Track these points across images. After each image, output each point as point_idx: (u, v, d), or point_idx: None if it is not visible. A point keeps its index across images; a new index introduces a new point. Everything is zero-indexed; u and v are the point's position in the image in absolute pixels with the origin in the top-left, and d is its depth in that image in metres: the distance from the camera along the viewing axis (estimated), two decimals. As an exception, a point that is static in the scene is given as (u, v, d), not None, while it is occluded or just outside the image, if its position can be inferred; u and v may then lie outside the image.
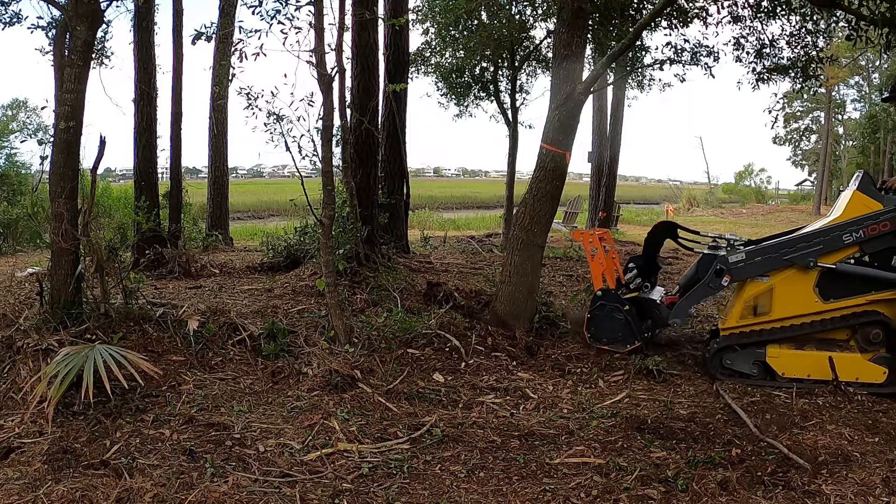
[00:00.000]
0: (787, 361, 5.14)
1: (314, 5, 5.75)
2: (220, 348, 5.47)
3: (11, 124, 22.11)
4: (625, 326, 5.72)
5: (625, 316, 5.71)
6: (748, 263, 5.30)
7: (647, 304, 5.84)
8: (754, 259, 5.29)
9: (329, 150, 5.95)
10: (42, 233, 11.69)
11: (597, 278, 5.91)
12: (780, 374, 5.14)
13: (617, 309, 5.73)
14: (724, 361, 5.29)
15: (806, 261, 5.13)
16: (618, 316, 5.72)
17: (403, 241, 11.57)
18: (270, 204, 32.75)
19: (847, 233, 5.12)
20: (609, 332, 5.76)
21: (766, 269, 5.27)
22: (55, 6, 5.94)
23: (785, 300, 5.22)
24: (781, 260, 5.22)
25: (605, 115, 18.54)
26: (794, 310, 5.21)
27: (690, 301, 5.63)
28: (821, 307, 5.17)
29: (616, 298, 5.78)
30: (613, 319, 5.73)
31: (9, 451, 3.86)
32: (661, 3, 7.01)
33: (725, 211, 33.47)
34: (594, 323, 5.81)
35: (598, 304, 5.80)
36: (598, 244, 5.96)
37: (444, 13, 12.30)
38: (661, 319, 5.77)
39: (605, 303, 5.77)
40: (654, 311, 5.79)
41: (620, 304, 5.74)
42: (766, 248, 5.34)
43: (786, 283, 5.24)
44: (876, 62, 33.20)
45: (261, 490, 3.50)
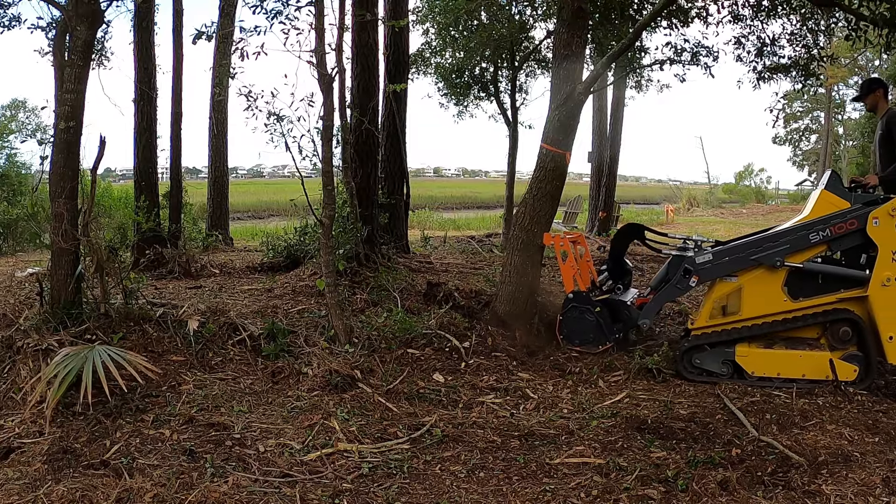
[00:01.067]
0: (757, 360, 5.17)
1: (315, 6, 5.76)
2: (220, 348, 5.47)
3: (11, 124, 22.11)
4: (596, 328, 5.85)
5: (596, 318, 5.83)
6: (715, 264, 5.35)
7: (617, 305, 5.94)
8: (721, 259, 5.34)
9: (329, 150, 5.95)
10: (42, 233, 11.70)
11: (568, 281, 6.03)
12: (750, 373, 5.17)
13: (588, 311, 5.86)
14: (694, 361, 5.32)
15: (773, 260, 5.16)
16: (589, 318, 5.85)
17: (403, 241, 11.57)
18: (270, 204, 32.75)
19: (814, 231, 5.15)
20: (581, 333, 5.88)
21: (733, 270, 5.32)
22: (55, 6, 5.95)
23: (754, 299, 5.26)
24: (748, 260, 5.26)
25: (605, 115, 18.54)
26: (763, 309, 5.24)
27: (658, 302, 5.75)
28: (790, 306, 5.20)
29: (587, 300, 5.89)
30: (585, 321, 5.86)
31: (9, 451, 3.86)
32: (661, 3, 7.02)
33: (725, 211, 33.46)
34: (566, 325, 5.94)
35: (569, 306, 5.92)
36: (567, 248, 6.12)
37: (444, 13, 12.32)
38: (632, 320, 5.85)
39: (577, 305, 5.89)
40: (625, 312, 5.88)
41: (591, 305, 5.87)
42: (733, 249, 5.38)
43: (754, 282, 5.27)
44: (875, 62, 33.22)
45: (261, 490, 3.50)
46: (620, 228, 6.56)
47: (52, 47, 7.01)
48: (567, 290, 6.02)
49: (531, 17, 12.95)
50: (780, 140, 44.87)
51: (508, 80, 13.68)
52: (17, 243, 13.40)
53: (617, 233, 6.51)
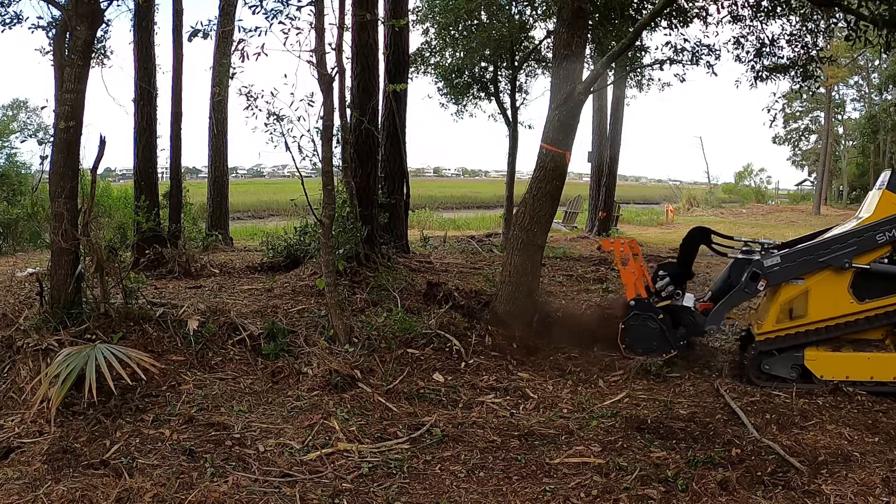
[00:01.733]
0: (826, 363, 5.11)
1: (315, 5, 5.76)
2: (220, 348, 5.47)
3: (12, 124, 22.11)
4: (660, 335, 5.63)
5: (659, 325, 5.62)
6: (783, 267, 5.26)
7: (680, 311, 5.72)
8: (789, 262, 5.26)
9: (329, 150, 5.95)
10: (42, 233, 11.69)
11: (629, 288, 5.79)
12: (819, 377, 5.09)
13: (651, 318, 5.64)
14: (763, 367, 5.23)
15: (841, 262, 5.12)
16: (652, 325, 5.63)
17: (403, 241, 11.58)
18: (270, 204, 32.73)
19: (880, 232, 5.11)
20: (644, 341, 5.65)
21: (800, 272, 5.24)
22: (55, 6, 5.95)
23: (820, 302, 5.20)
24: (816, 262, 5.20)
25: (605, 115, 18.55)
26: (829, 311, 5.18)
27: (726, 307, 5.55)
28: (856, 308, 5.15)
29: (649, 307, 5.68)
30: (648, 329, 5.64)
31: (9, 451, 3.86)
32: (661, 3, 7.02)
33: (725, 211, 33.48)
34: (629, 333, 5.70)
35: (631, 314, 5.69)
36: (629, 252, 5.88)
37: (444, 13, 12.32)
38: (697, 326, 5.66)
39: (639, 312, 5.67)
40: (689, 318, 5.67)
41: (654, 312, 5.65)
42: (801, 252, 5.31)
43: (821, 284, 5.22)
44: (875, 62, 33.22)
45: (261, 490, 3.49)
46: (689, 232, 6.26)
47: (52, 47, 7.01)
48: (629, 296, 5.78)
49: (531, 16, 12.96)
50: (780, 140, 44.85)
51: (508, 79, 13.68)
52: (17, 243, 13.40)
53: (687, 236, 6.25)
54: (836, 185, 44.36)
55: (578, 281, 9.80)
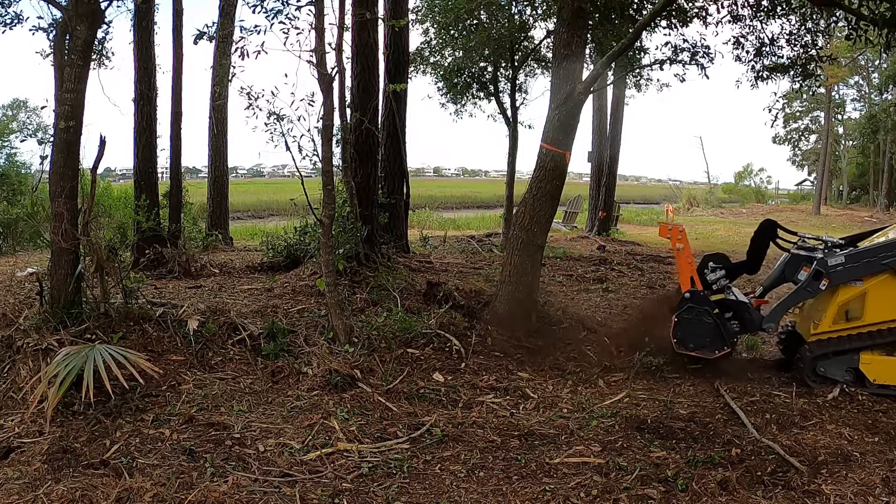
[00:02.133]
0: (880, 368, 5.05)
1: (314, 5, 5.75)
2: (220, 348, 5.47)
3: (12, 124, 22.11)
4: (714, 331, 5.33)
5: (714, 320, 5.32)
6: (847, 267, 5.14)
7: (738, 307, 5.44)
8: (853, 263, 5.15)
9: (329, 150, 5.95)
10: (42, 233, 11.69)
11: (685, 279, 5.47)
12: (872, 381, 5.03)
13: (706, 312, 5.34)
14: (818, 369, 5.13)
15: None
16: (707, 320, 5.32)
17: (403, 241, 11.58)
18: (270, 204, 32.72)
19: None
20: (697, 337, 5.35)
21: (863, 274, 5.15)
22: (55, 6, 5.94)
23: (877, 305, 5.12)
24: (879, 264, 5.11)
25: (605, 115, 18.55)
26: (885, 315, 5.12)
27: (786, 305, 5.40)
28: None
29: (705, 301, 5.38)
30: (702, 324, 5.33)
31: (9, 451, 3.86)
32: (660, 3, 7.01)
33: (725, 211, 33.49)
34: (682, 328, 5.37)
35: (686, 306, 5.37)
36: (686, 241, 5.54)
37: (444, 13, 12.31)
38: (753, 324, 5.43)
39: (694, 305, 5.35)
40: (746, 314, 5.42)
41: (710, 306, 5.36)
42: (865, 252, 5.21)
43: (879, 287, 5.14)
44: (875, 62, 33.23)
45: (261, 490, 3.50)
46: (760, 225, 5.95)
47: (53, 48, 7.00)
48: (683, 288, 5.44)
49: (531, 16, 12.95)
50: (780, 140, 44.87)
51: (508, 79, 13.68)
52: (17, 243, 13.40)
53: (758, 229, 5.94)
54: (836, 185, 44.37)
55: (578, 281, 9.80)
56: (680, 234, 5.55)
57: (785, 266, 5.62)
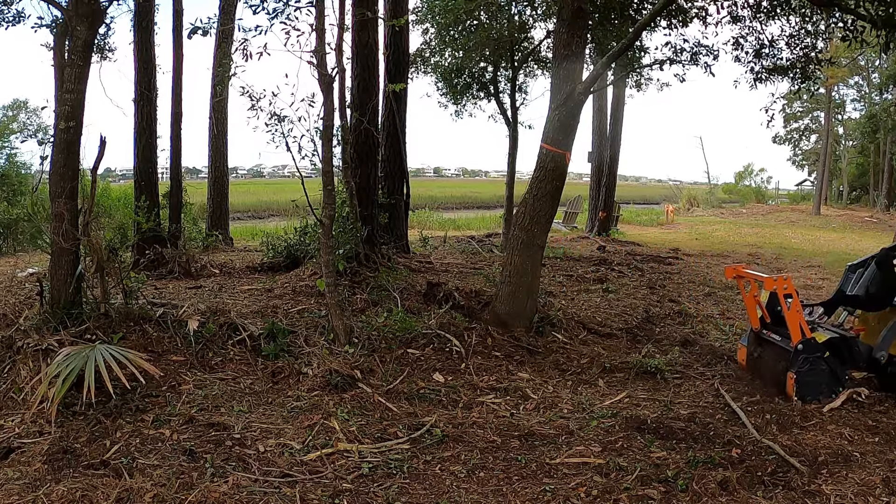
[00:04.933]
0: None
1: (315, 6, 5.76)
2: (220, 348, 5.47)
3: (12, 124, 22.12)
4: (830, 376, 4.98)
5: (827, 365, 4.98)
6: None
7: (847, 344, 5.10)
8: None
9: (329, 150, 5.95)
10: (42, 233, 11.70)
11: (795, 329, 5.02)
12: None
13: (819, 360, 4.97)
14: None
15: None
16: (822, 367, 4.97)
17: (403, 241, 11.58)
18: (270, 204, 32.75)
19: None
20: (816, 388, 4.95)
21: None
22: (55, 6, 5.95)
23: None
24: None
25: (605, 115, 18.56)
26: None
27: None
28: None
29: (816, 348, 5.00)
30: (819, 373, 4.96)
31: (9, 451, 3.86)
32: (661, 3, 7.02)
33: (725, 211, 33.50)
34: (801, 383, 4.94)
35: (800, 358, 4.96)
36: (792, 289, 5.11)
37: (444, 13, 12.31)
38: (862, 357, 5.09)
39: (808, 356, 4.96)
40: (855, 348, 5.08)
41: (821, 352, 4.99)
42: None
43: None
44: (876, 62, 33.24)
45: (261, 490, 3.50)
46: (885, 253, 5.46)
47: (53, 47, 7.01)
48: (794, 340, 5.00)
49: (531, 17, 12.94)
50: (780, 140, 44.91)
51: (508, 80, 13.68)
52: (17, 243, 13.40)
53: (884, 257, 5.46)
54: (836, 185, 44.38)
55: (578, 281, 9.80)
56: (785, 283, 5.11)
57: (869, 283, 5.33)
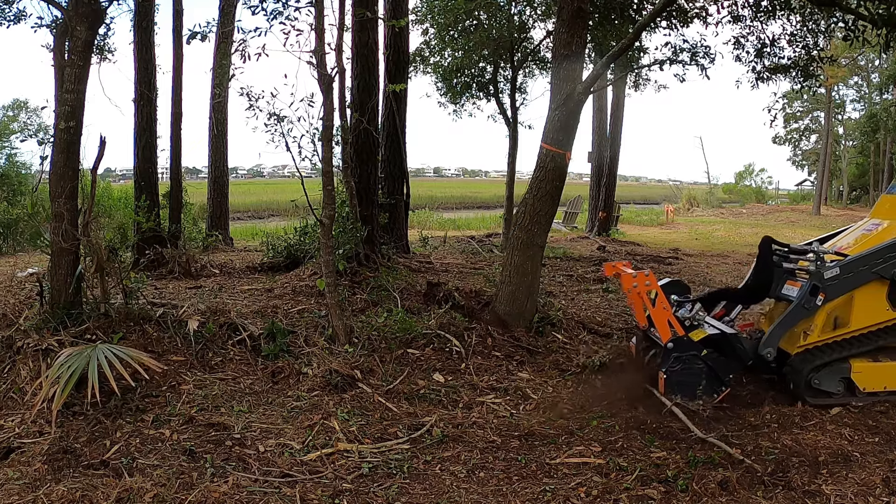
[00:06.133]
0: (869, 375, 4.84)
1: (314, 6, 5.76)
2: (220, 348, 5.47)
3: (12, 125, 22.13)
4: (709, 374, 4.76)
5: (705, 363, 4.77)
6: (843, 279, 4.84)
7: (727, 341, 4.89)
8: (847, 274, 4.86)
9: (329, 151, 5.95)
10: (42, 233, 11.71)
11: (663, 327, 4.90)
12: (862, 389, 4.80)
13: (694, 358, 4.77)
14: (813, 382, 4.79)
15: (891, 273, 4.87)
16: (697, 365, 4.75)
17: (403, 241, 11.58)
18: (270, 204, 32.77)
19: None
20: (691, 387, 4.75)
21: (857, 285, 4.89)
22: (55, 6, 5.95)
23: (862, 310, 4.91)
24: (870, 273, 4.89)
25: (605, 115, 18.56)
26: (869, 319, 4.91)
27: (784, 326, 4.89)
28: (891, 315, 4.93)
29: (690, 345, 4.81)
30: (693, 372, 4.75)
31: (9, 451, 3.86)
32: (661, 3, 7.02)
33: (725, 211, 33.51)
34: (672, 381, 4.76)
35: (672, 358, 4.78)
36: (655, 286, 4.95)
37: (444, 13, 12.32)
38: (747, 353, 4.88)
39: (681, 354, 4.78)
40: (738, 345, 4.88)
41: (697, 350, 4.79)
42: (856, 262, 4.93)
43: (865, 293, 4.92)
44: (875, 62, 33.24)
45: (261, 490, 3.50)
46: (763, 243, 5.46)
47: (53, 47, 7.02)
48: (664, 338, 4.85)
49: (531, 17, 12.95)
50: (780, 140, 44.93)
51: (508, 80, 13.69)
52: (17, 243, 13.40)
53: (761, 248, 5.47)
54: (836, 185, 44.40)
55: (579, 281, 9.80)
56: (648, 279, 4.95)
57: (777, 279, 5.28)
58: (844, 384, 4.84)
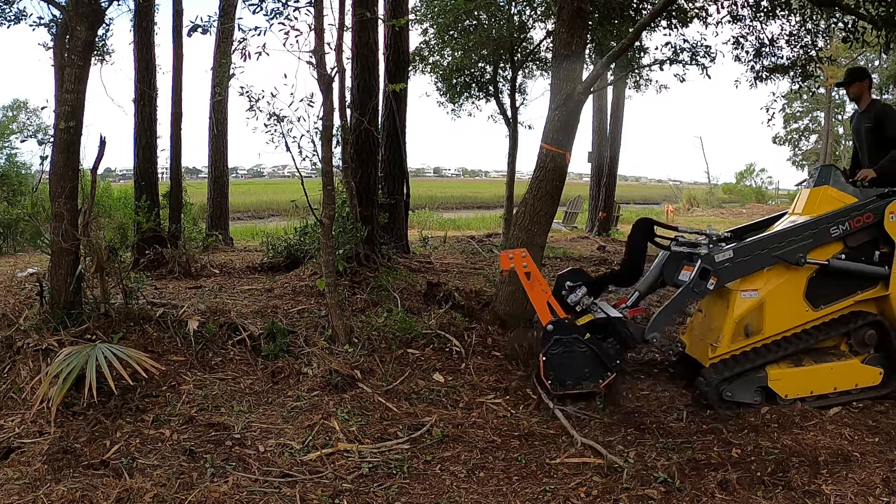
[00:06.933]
0: (790, 381, 4.71)
1: (314, 6, 5.76)
2: (220, 348, 5.47)
3: (12, 125, 22.14)
4: (592, 360, 4.69)
5: (588, 347, 4.67)
6: (736, 262, 4.66)
7: (611, 324, 4.80)
8: (743, 257, 4.68)
9: (329, 151, 5.95)
10: (42, 233, 11.71)
11: (542, 309, 4.78)
12: (784, 397, 4.69)
13: (576, 341, 4.67)
14: (724, 394, 4.66)
15: (795, 257, 4.69)
16: (580, 349, 4.67)
17: (403, 241, 11.58)
18: (270, 204, 32.77)
19: (834, 225, 4.78)
20: (574, 372, 4.69)
21: (754, 269, 4.74)
22: (55, 6, 5.95)
23: (776, 314, 4.73)
24: (770, 257, 4.71)
25: (605, 115, 18.56)
26: (786, 323, 4.76)
27: (670, 310, 4.78)
28: (812, 315, 4.79)
29: (572, 328, 4.70)
30: (576, 356, 4.67)
31: (9, 451, 3.87)
32: (661, 3, 7.02)
33: (725, 211, 33.50)
34: (552, 365, 4.67)
35: (552, 340, 4.66)
36: (533, 267, 4.86)
37: (443, 13, 12.32)
38: (634, 338, 4.77)
39: (562, 337, 4.66)
40: (623, 329, 4.76)
41: (580, 334, 4.69)
42: (753, 245, 4.76)
43: (776, 295, 4.74)
44: (875, 62, 33.23)
45: (261, 490, 3.50)
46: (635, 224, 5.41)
47: (53, 47, 7.02)
48: (543, 320, 4.74)
49: (530, 17, 12.94)
50: (780, 140, 44.91)
51: (507, 80, 13.68)
52: (17, 243, 13.40)
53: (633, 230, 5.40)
54: (835, 185, 44.28)
55: (578, 281, 9.79)
56: (524, 259, 4.84)
57: (663, 266, 5.17)
58: (762, 393, 4.69)
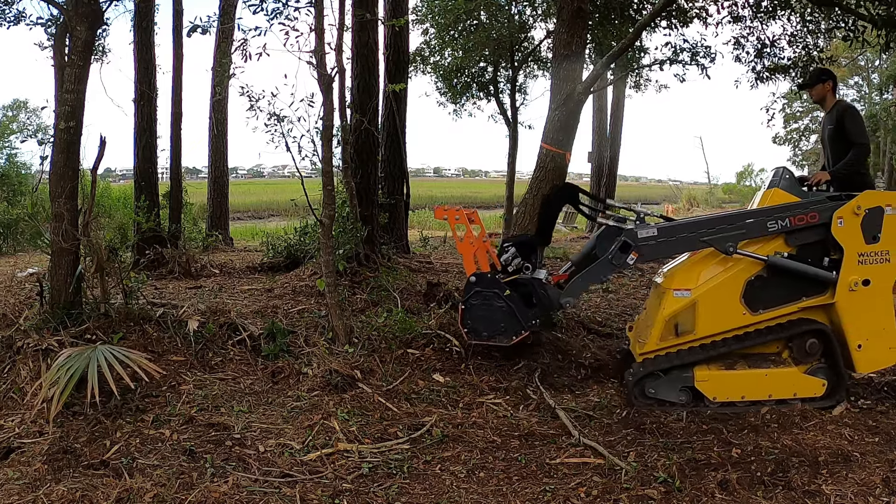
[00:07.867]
0: (719, 384, 4.60)
1: (314, 6, 5.76)
2: (220, 348, 5.47)
3: (12, 125, 22.15)
4: (508, 315, 4.90)
5: (506, 303, 4.88)
6: (660, 241, 4.61)
7: (530, 285, 4.96)
8: (667, 237, 4.63)
9: (329, 151, 5.95)
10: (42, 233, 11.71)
11: (468, 262, 5.06)
12: (712, 399, 4.59)
13: (496, 296, 4.89)
14: (648, 391, 4.64)
15: (724, 245, 4.56)
16: (498, 304, 4.88)
17: (403, 241, 11.58)
18: (270, 204, 32.81)
19: (772, 219, 4.57)
20: (490, 324, 4.93)
21: (679, 251, 4.68)
22: (55, 6, 5.95)
23: (710, 315, 4.60)
24: (698, 241, 4.61)
25: (605, 115, 18.58)
26: (720, 325, 4.62)
27: (588, 279, 4.86)
28: (749, 319, 4.62)
29: (493, 283, 4.93)
30: (493, 309, 4.89)
31: (9, 451, 3.87)
32: (660, 4, 7.03)
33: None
34: (470, 315, 4.96)
35: (472, 292, 4.95)
36: (465, 222, 5.13)
37: (444, 13, 12.33)
38: (550, 301, 4.94)
39: (482, 290, 4.92)
40: (541, 291, 4.92)
41: (500, 289, 4.90)
42: (682, 227, 4.69)
43: (710, 296, 4.61)
44: (875, 62, 33.25)
45: (261, 490, 3.50)
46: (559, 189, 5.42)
47: (52, 47, 7.02)
48: (468, 272, 5.02)
49: (531, 16, 12.96)
50: (780, 140, 44.88)
51: (508, 80, 13.69)
52: (17, 243, 13.41)
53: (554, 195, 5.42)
54: (835, 185, 44.30)
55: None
56: (457, 213, 5.08)
57: (598, 239, 5.16)
58: (688, 393, 4.64)
